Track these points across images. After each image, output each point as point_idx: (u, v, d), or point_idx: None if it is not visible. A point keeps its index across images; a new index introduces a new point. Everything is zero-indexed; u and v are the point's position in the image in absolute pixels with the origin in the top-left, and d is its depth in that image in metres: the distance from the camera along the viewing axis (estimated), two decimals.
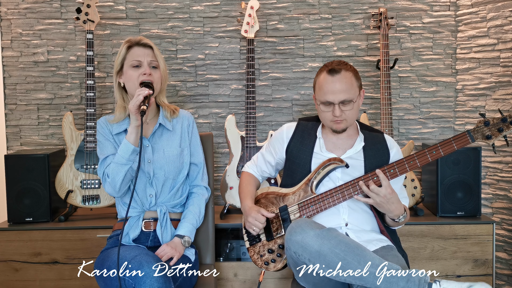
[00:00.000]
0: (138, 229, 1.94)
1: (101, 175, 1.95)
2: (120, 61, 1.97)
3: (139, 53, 1.94)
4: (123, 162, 1.86)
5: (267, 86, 3.11)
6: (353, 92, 1.90)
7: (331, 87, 1.88)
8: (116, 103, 2.03)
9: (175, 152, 2.01)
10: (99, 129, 2.00)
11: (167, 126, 2.02)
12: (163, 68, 1.98)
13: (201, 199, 2.08)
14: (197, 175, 2.10)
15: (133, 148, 1.85)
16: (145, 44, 1.97)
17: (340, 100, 1.89)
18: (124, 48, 1.97)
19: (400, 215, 1.89)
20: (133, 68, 1.94)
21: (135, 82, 1.92)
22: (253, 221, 1.95)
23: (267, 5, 3.07)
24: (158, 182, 1.98)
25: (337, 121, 1.92)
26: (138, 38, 1.98)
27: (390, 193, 1.82)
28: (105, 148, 1.97)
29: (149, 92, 1.84)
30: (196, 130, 2.12)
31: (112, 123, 1.99)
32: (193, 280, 1.94)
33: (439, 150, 1.86)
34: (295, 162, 2.03)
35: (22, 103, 3.09)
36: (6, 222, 2.70)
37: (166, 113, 2.03)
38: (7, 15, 3.05)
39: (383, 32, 2.87)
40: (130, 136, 1.86)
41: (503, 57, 2.85)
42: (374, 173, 1.87)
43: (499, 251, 2.91)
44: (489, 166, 2.95)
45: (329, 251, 1.66)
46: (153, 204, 1.98)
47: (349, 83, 1.89)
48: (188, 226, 1.98)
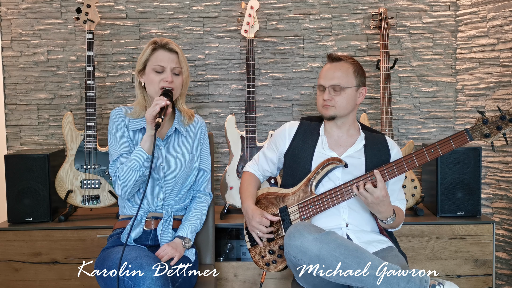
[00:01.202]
0: (140, 229, 1.94)
1: (112, 174, 1.93)
2: (143, 61, 1.94)
3: (164, 58, 1.91)
4: (135, 168, 1.85)
5: (267, 86, 3.11)
6: (346, 81, 1.95)
7: (326, 71, 1.99)
8: (136, 98, 2.00)
9: (187, 157, 2.01)
10: (113, 119, 1.96)
11: (181, 131, 2.01)
12: (185, 74, 1.96)
13: (204, 204, 2.09)
14: (203, 181, 2.11)
15: (147, 156, 1.84)
16: (170, 48, 1.93)
17: (330, 84, 1.94)
18: (149, 49, 1.93)
19: (388, 217, 1.89)
20: (156, 72, 1.91)
21: (156, 87, 1.91)
22: (257, 226, 1.96)
23: (267, 5, 3.07)
24: (168, 185, 1.98)
25: (325, 105, 1.96)
26: (165, 41, 1.94)
27: (384, 195, 1.82)
28: (119, 144, 1.93)
29: (166, 103, 1.81)
30: (207, 137, 2.12)
31: (129, 117, 1.96)
32: (193, 280, 1.94)
33: (438, 149, 1.85)
34: (296, 161, 2.03)
35: (22, 103, 3.09)
36: (6, 222, 2.70)
37: (183, 118, 2.02)
38: (7, 15, 3.05)
39: (383, 32, 2.87)
40: (144, 144, 1.84)
41: (503, 57, 2.85)
42: (372, 173, 1.87)
43: (499, 251, 2.91)
44: (489, 166, 2.95)
45: (329, 255, 1.66)
46: (160, 207, 1.98)
47: (344, 72, 1.95)
48: (190, 229, 1.99)
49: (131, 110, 1.98)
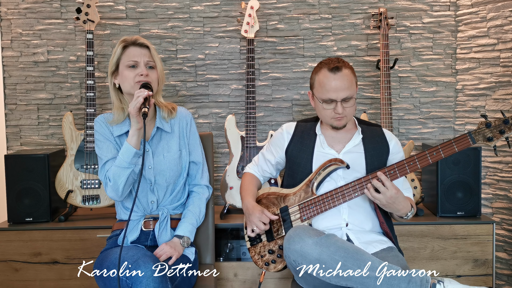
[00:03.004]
0: (137, 231, 1.94)
1: (102, 178, 1.90)
2: (115, 61, 1.91)
3: (135, 53, 1.89)
4: (124, 166, 1.82)
5: (267, 86, 3.11)
6: (353, 89, 1.94)
7: (333, 84, 1.90)
8: (112, 104, 1.97)
9: (175, 155, 1.98)
10: (97, 128, 1.94)
11: (165, 129, 1.97)
12: (160, 68, 1.94)
13: (202, 198, 2.06)
14: (196, 173, 2.07)
15: (135, 151, 1.81)
16: (141, 43, 1.91)
17: (342, 97, 1.91)
18: (119, 47, 1.91)
19: (408, 212, 1.88)
20: (129, 68, 1.88)
21: (131, 83, 1.88)
22: (256, 221, 1.95)
23: (267, 5, 3.07)
24: (160, 188, 1.96)
25: (338, 118, 1.94)
26: (134, 38, 1.92)
27: (396, 193, 1.81)
28: (106, 150, 1.91)
29: (149, 94, 1.79)
30: (194, 128, 2.07)
31: (112, 125, 1.94)
32: (192, 280, 1.93)
33: (440, 152, 1.85)
34: (296, 162, 2.03)
35: (22, 103, 3.09)
36: (6, 222, 2.70)
37: (164, 113, 1.98)
38: (7, 15, 3.05)
39: (383, 32, 2.87)
40: (131, 139, 1.82)
41: (503, 57, 2.85)
42: (375, 174, 1.86)
43: (499, 251, 2.91)
44: (489, 166, 2.95)
45: (329, 258, 1.66)
46: (155, 209, 1.98)
47: (349, 80, 1.92)
48: (188, 226, 1.97)
49: (112, 117, 1.95)
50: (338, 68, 1.91)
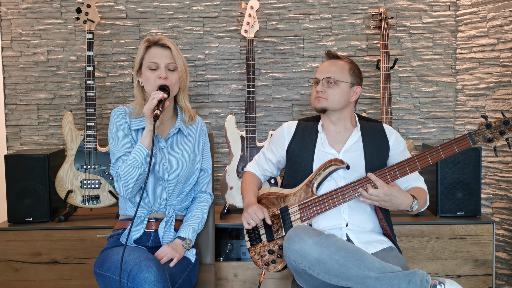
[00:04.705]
0: (141, 230, 1.94)
1: (113, 173, 1.92)
2: (139, 60, 1.95)
3: (157, 54, 1.91)
4: (136, 165, 1.84)
5: (267, 86, 3.11)
6: (340, 76, 1.99)
7: (322, 66, 2.04)
8: (135, 98, 1.99)
9: (189, 157, 2.01)
10: (115, 119, 1.95)
11: (183, 132, 2.01)
12: (181, 69, 1.94)
13: (205, 205, 2.09)
14: (204, 180, 2.11)
15: (147, 152, 1.83)
16: (163, 44, 1.93)
17: (324, 76, 1.99)
18: (142, 47, 1.94)
19: (411, 204, 1.86)
20: (151, 70, 1.91)
21: (152, 84, 1.90)
22: (252, 214, 1.93)
23: (267, 5, 3.07)
24: (171, 185, 1.98)
25: (318, 97, 1.99)
26: (157, 38, 1.94)
27: (388, 189, 1.81)
28: (121, 143, 1.92)
29: (163, 96, 1.81)
30: (207, 138, 2.12)
31: (130, 116, 1.95)
32: (193, 281, 1.94)
33: (440, 152, 1.85)
34: (297, 161, 2.04)
35: (22, 103, 3.09)
36: (6, 222, 2.70)
37: (185, 117, 2.02)
38: (7, 15, 3.05)
39: (383, 32, 2.87)
40: (144, 140, 1.84)
41: (503, 57, 2.85)
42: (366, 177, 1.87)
43: (499, 251, 2.91)
44: (489, 166, 2.95)
45: (329, 258, 1.66)
46: (162, 207, 1.98)
47: (339, 67, 2.01)
48: (190, 230, 1.98)
49: (131, 109, 1.97)
50: (334, 56, 2.08)
